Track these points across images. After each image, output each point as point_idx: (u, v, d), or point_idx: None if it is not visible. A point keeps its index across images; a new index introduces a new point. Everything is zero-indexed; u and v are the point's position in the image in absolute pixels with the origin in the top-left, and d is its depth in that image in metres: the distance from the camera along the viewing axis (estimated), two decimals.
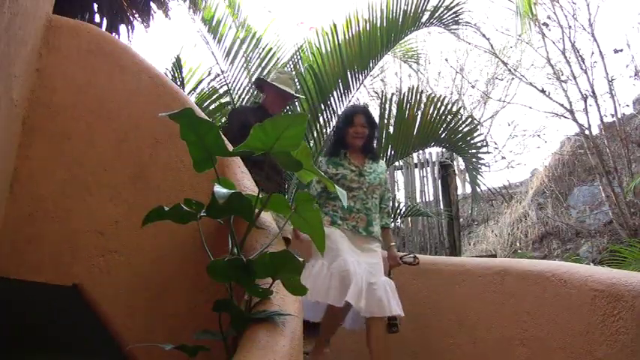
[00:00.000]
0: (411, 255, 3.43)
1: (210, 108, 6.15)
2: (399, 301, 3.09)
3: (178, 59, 6.11)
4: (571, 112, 8.87)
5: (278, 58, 6.32)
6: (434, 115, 5.78)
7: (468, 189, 8.77)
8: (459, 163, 8.85)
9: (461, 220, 9.27)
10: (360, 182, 3.24)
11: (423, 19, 5.96)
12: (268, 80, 4.07)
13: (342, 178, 3.23)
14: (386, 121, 5.87)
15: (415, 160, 8.16)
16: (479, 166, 6.11)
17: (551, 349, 2.90)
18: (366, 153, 3.35)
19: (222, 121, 6.23)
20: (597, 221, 8.96)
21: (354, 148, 3.33)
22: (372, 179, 3.27)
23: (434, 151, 8.03)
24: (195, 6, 5.89)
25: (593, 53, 8.47)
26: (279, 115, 3.45)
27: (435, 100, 5.90)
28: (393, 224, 3.58)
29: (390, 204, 3.45)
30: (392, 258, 3.32)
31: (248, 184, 2.64)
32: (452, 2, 5.93)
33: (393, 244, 3.40)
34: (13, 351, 2.78)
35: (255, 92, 6.12)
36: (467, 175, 6.77)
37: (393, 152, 5.98)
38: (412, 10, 5.79)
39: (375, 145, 3.46)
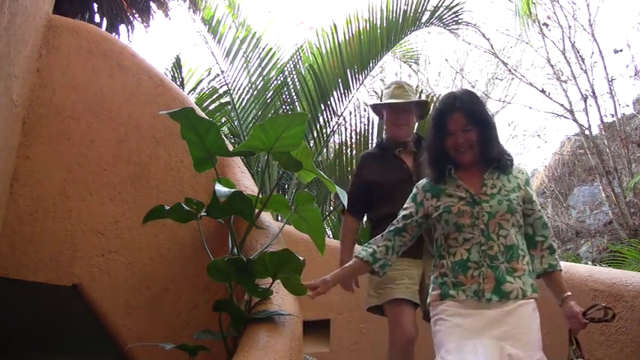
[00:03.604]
0: (600, 306, 2.01)
1: (210, 108, 6.15)
2: None
3: (178, 59, 6.12)
4: (571, 112, 8.88)
5: (278, 58, 6.33)
6: None
7: None
8: None
9: None
10: (475, 214, 1.95)
11: (423, 19, 5.97)
12: (374, 103, 3.31)
13: (445, 211, 1.98)
14: None
15: None
16: None
17: (551, 349, 2.90)
18: (486, 164, 2.04)
19: (222, 121, 6.24)
20: (597, 221, 8.96)
21: (465, 164, 2.06)
22: (495, 205, 1.94)
23: None
24: (195, 6, 5.89)
25: (593, 53, 8.47)
26: (401, 136, 2.71)
27: (435, 99, 5.91)
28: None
29: (551, 234, 2.04)
30: (571, 316, 1.96)
31: (248, 184, 2.64)
32: (452, 2, 5.93)
33: (569, 294, 1.98)
34: (12, 351, 2.78)
35: (255, 92, 6.14)
36: None
37: None
38: (412, 10, 5.80)
39: (498, 147, 2.06)
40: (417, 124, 3.03)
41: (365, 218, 3.01)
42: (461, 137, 2.01)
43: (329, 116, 5.92)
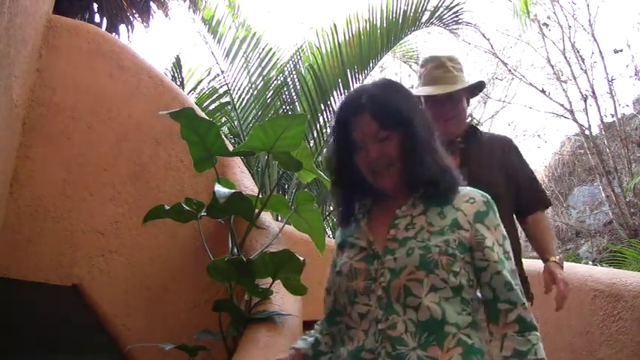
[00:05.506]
0: None
1: (210, 108, 6.15)
2: None
3: (178, 59, 6.13)
4: (571, 112, 8.88)
5: (278, 58, 6.33)
6: None
7: None
8: None
9: None
10: (373, 274, 1.23)
11: (423, 19, 5.97)
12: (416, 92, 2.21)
13: (337, 273, 1.31)
14: None
15: None
16: None
17: (551, 349, 2.90)
18: (411, 190, 1.30)
19: (222, 121, 6.24)
20: (597, 221, 8.97)
21: (389, 191, 1.31)
22: (401, 257, 1.20)
23: None
24: (195, 6, 5.89)
25: (593, 53, 8.47)
26: (451, 132, 2.04)
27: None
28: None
29: (520, 299, 1.18)
30: None
31: (248, 184, 2.64)
32: (452, 2, 5.94)
33: None
34: (12, 351, 2.78)
35: (255, 92, 6.13)
36: None
37: None
38: (412, 10, 5.80)
39: (431, 163, 1.27)
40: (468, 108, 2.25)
41: None
42: (373, 150, 1.27)
43: (329, 116, 5.91)
